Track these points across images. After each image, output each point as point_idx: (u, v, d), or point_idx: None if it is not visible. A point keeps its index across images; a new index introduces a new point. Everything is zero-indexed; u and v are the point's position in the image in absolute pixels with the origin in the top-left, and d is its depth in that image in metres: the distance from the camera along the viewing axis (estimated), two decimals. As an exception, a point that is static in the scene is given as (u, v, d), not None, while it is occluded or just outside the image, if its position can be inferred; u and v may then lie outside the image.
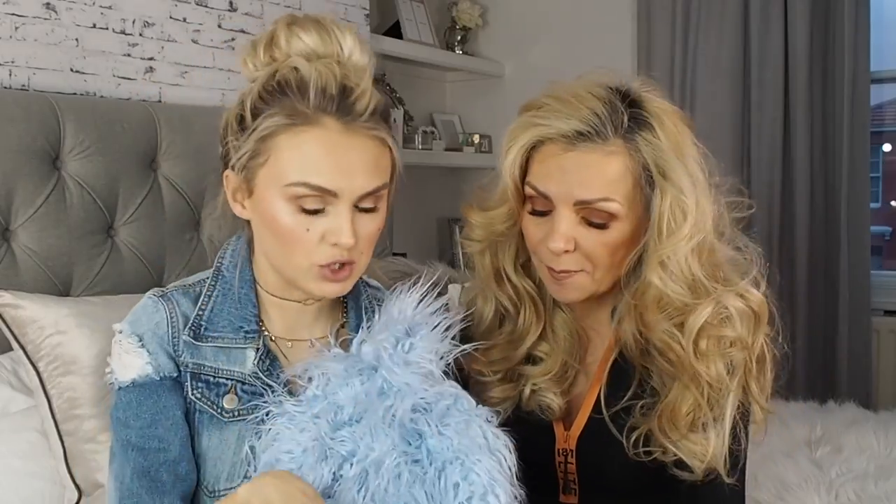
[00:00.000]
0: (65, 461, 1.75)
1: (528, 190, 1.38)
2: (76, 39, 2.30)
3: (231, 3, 2.72)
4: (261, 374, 1.38)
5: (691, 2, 3.76)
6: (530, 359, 1.50)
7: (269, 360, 1.40)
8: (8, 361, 1.95)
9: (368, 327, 1.40)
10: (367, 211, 1.33)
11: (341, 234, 1.30)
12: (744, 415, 1.40)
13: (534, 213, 1.39)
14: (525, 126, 1.38)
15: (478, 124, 4.31)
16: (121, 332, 1.41)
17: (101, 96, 2.35)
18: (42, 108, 2.09)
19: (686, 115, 1.40)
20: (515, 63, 4.26)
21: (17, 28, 2.18)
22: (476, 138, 4.22)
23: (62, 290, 2.10)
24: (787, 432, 2.65)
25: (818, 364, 3.68)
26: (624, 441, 1.39)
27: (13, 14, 2.17)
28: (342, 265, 1.33)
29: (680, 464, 1.37)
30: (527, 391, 1.46)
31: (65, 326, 1.82)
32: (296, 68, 1.32)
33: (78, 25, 2.29)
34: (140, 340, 1.38)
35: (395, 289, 1.45)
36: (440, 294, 1.41)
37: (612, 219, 1.33)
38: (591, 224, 1.34)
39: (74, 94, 2.28)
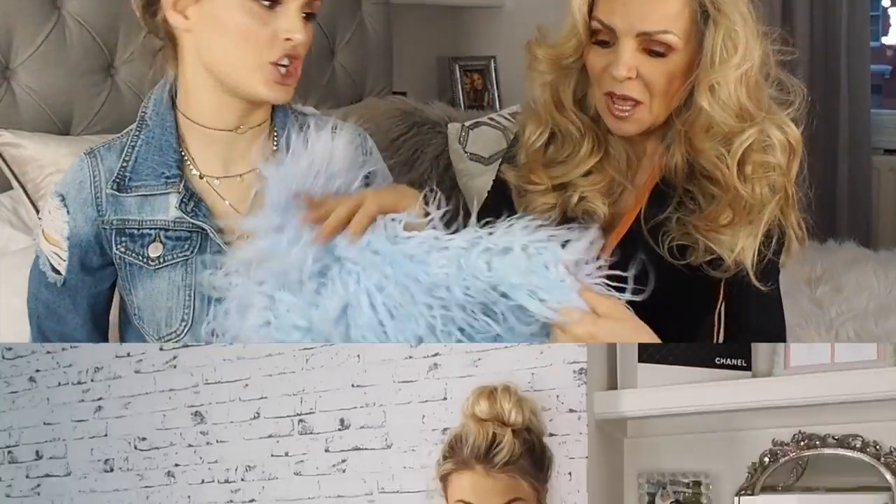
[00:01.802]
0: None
1: (595, 24, 1.48)
2: None
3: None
4: (186, 218, 1.39)
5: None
6: None
7: (194, 202, 1.40)
8: (8, 200, 1.97)
9: None
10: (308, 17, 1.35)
11: (294, 32, 1.32)
12: (780, 231, 1.54)
13: (598, 42, 1.48)
14: None
15: (478, -39, 4.17)
16: (51, 191, 1.44)
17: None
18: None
19: None
20: None
21: None
22: (477, -26, 4.09)
23: (62, 129, 2.09)
24: (786, 271, 2.67)
25: (817, 203, 3.67)
26: (661, 247, 1.50)
27: None
28: (288, 70, 1.35)
29: (712, 263, 1.49)
30: (574, 198, 1.57)
31: (65, 165, 1.79)
32: None
33: None
34: (63, 200, 1.41)
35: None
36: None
37: (670, 50, 1.44)
38: (651, 53, 1.44)
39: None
